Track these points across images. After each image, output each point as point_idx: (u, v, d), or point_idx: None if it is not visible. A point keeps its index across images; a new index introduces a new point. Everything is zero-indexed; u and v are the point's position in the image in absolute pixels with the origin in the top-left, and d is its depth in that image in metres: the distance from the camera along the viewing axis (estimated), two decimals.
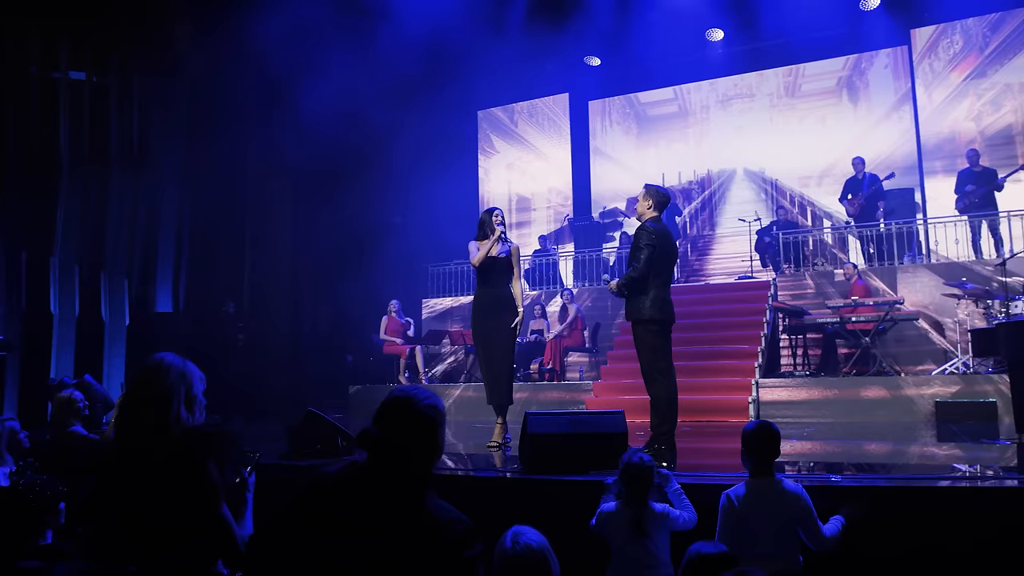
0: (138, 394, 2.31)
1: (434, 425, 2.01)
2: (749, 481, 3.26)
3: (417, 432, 1.98)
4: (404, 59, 12.07)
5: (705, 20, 11.99)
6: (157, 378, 2.32)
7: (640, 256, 5.08)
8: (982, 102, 10.83)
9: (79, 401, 5.47)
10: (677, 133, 13.20)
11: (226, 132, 10.50)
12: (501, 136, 14.36)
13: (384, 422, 1.99)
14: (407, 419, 1.97)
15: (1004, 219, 9.60)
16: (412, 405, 2.01)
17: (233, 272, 11.21)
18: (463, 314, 12.09)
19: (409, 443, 1.96)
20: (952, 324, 9.04)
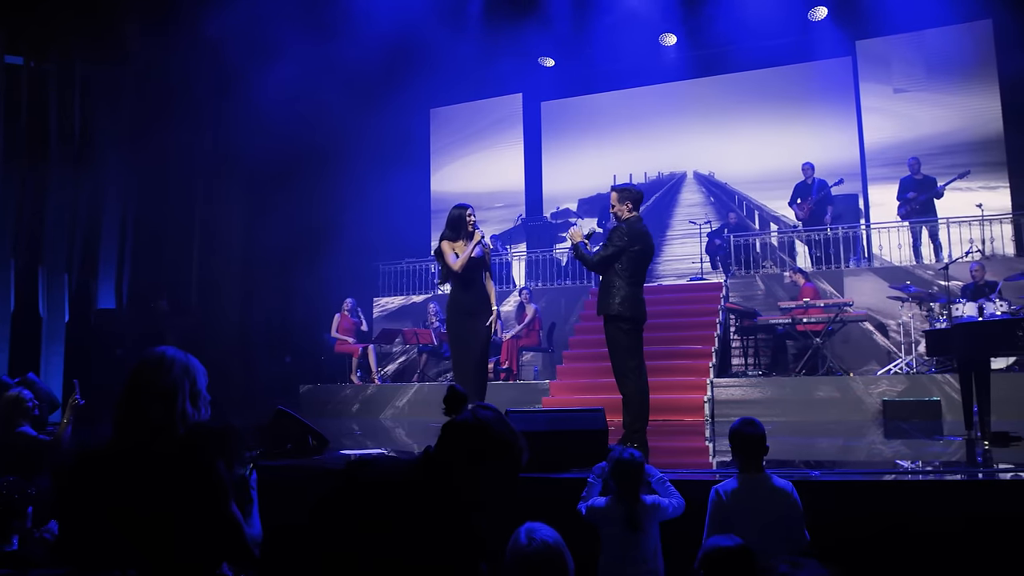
0: (140, 390, 2.19)
1: None
2: (739, 476, 3.30)
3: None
4: (359, 54, 11.91)
5: (659, 25, 12.16)
6: (160, 373, 2.21)
7: (603, 252, 5.16)
8: (923, 112, 11.24)
9: (28, 400, 5.21)
10: (629, 135, 13.33)
11: (175, 124, 10.21)
12: (454, 135, 14.29)
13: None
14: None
15: (943, 225, 9.99)
16: None
17: (181, 267, 10.86)
18: (415, 313, 12.00)
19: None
20: (895, 326, 9.35)
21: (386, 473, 2.01)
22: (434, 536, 1.85)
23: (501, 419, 2.07)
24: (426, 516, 1.86)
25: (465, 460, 1.98)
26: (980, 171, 10.47)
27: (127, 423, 2.17)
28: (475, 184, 13.99)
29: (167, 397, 2.17)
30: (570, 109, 13.83)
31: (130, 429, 2.16)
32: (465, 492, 1.97)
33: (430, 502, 1.89)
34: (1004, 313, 8.02)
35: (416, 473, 1.96)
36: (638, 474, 3.36)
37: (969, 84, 10.98)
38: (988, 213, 9.87)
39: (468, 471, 1.98)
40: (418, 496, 1.89)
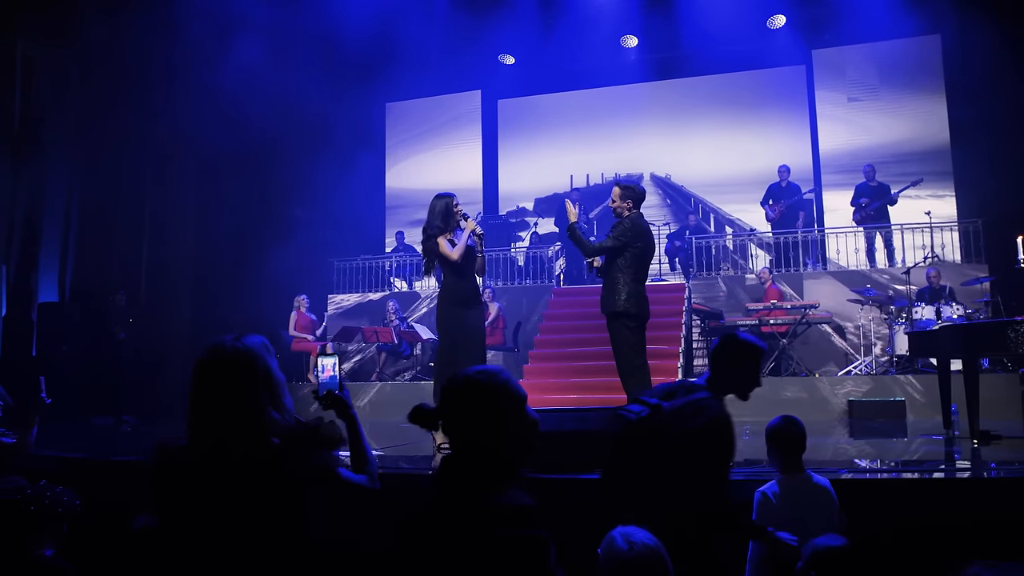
0: (221, 391, 1.95)
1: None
2: (781, 477, 3.27)
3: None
4: (315, 44, 11.63)
5: (621, 27, 12.22)
6: (243, 370, 2.00)
7: (601, 244, 5.13)
8: (875, 121, 11.60)
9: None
10: (586, 136, 13.35)
11: (125, 109, 9.70)
12: (410, 130, 14.06)
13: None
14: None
15: (897, 231, 10.32)
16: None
17: (130, 260, 10.33)
18: (371, 311, 11.74)
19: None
20: (853, 328, 9.61)
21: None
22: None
23: (490, 372, 1.82)
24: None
25: (486, 430, 1.75)
26: (928, 180, 10.85)
27: (209, 432, 1.94)
28: (431, 181, 13.71)
29: (252, 399, 1.96)
30: (528, 108, 13.78)
31: (213, 440, 1.93)
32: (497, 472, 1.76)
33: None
34: (960, 317, 8.36)
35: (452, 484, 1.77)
36: None
37: (919, 96, 11.39)
38: (936, 220, 10.23)
39: (492, 443, 1.75)
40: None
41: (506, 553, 1.60)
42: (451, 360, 5.59)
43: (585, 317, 10.45)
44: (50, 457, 4.78)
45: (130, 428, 8.55)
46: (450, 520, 1.66)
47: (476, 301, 5.58)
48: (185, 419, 1.99)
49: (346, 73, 12.29)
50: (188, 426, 1.97)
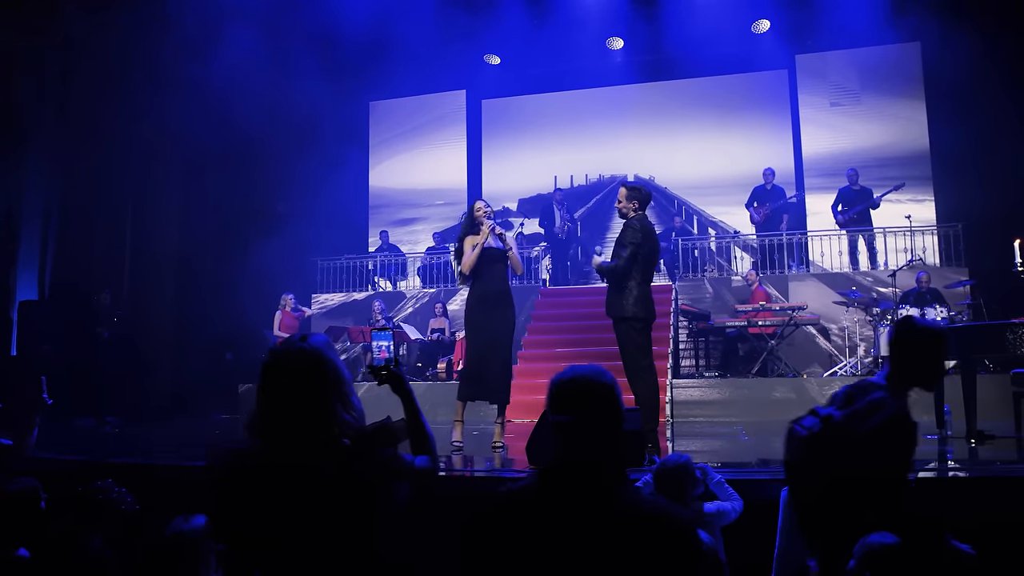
0: (290, 394, 1.90)
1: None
2: None
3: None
4: (301, 43, 11.52)
5: (607, 29, 12.26)
6: (312, 370, 1.96)
7: (623, 253, 5.10)
8: (857, 126, 11.79)
9: None
10: (570, 137, 13.38)
11: (108, 105, 9.49)
12: (394, 129, 13.97)
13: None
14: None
15: (880, 234, 10.49)
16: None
17: (112, 257, 10.12)
18: (356, 311, 11.66)
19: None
20: (837, 330, 9.75)
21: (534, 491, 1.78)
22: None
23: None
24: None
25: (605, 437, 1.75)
26: (908, 184, 11.03)
27: (281, 435, 1.90)
28: (415, 180, 13.73)
29: (322, 401, 1.92)
30: (512, 108, 13.77)
31: (285, 443, 1.88)
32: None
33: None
34: (944, 319, 8.53)
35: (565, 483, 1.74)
36: (684, 480, 3.30)
37: (899, 101, 11.58)
38: (916, 224, 10.42)
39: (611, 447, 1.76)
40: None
41: (663, 540, 1.61)
42: (475, 360, 5.63)
43: (573, 318, 10.49)
44: (49, 459, 4.67)
45: (112, 429, 8.40)
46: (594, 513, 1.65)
47: (500, 303, 5.59)
48: (164, 422, 1.96)
49: (330, 71, 12.16)
50: (256, 430, 1.93)
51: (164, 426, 8.84)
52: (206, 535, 2.63)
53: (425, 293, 11.65)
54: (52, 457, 4.70)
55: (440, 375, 9.98)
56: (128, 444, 6.86)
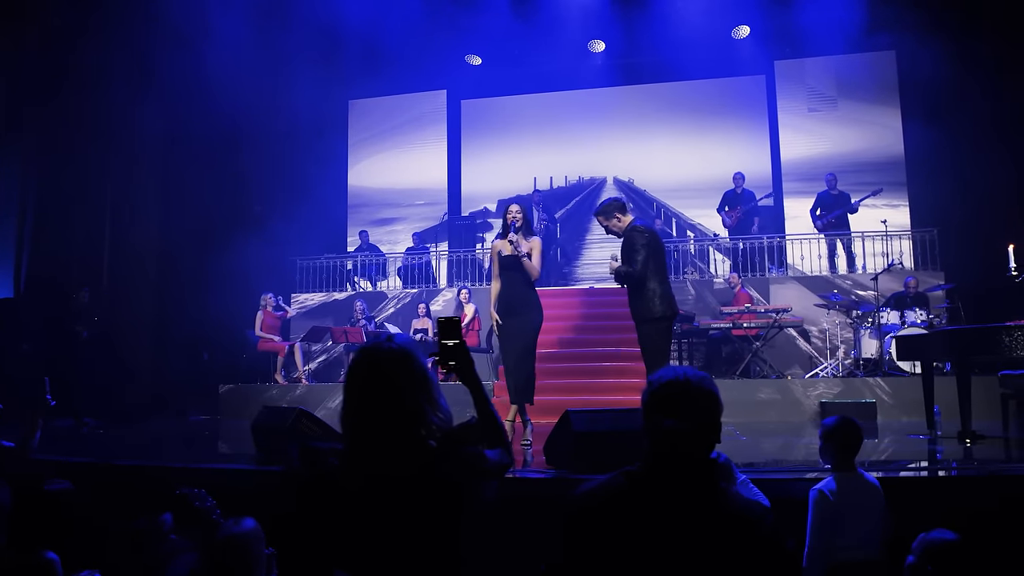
0: (379, 395, 1.88)
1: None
2: (837, 475, 3.36)
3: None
4: (279, 36, 11.39)
5: (589, 31, 12.33)
6: (402, 370, 1.93)
7: (636, 257, 5.14)
8: (833, 132, 12.03)
9: None
10: (550, 139, 13.42)
11: (87, 99, 9.26)
12: (373, 128, 13.88)
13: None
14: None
15: (858, 238, 10.71)
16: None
17: (90, 254, 9.87)
18: (336, 311, 11.56)
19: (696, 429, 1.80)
20: (817, 332, 9.93)
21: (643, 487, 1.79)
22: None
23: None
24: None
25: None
26: (883, 190, 11.28)
27: (373, 440, 1.87)
28: (395, 180, 13.65)
29: (413, 403, 1.90)
30: (492, 109, 13.77)
31: (376, 448, 1.85)
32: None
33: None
34: (923, 322, 8.73)
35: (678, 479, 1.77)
36: (729, 478, 3.34)
37: (875, 109, 11.85)
38: (893, 229, 10.66)
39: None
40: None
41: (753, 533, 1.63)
42: (505, 364, 5.86)
43: (558, 319, 10.49)
44: (52, 461, 4.54)
45: (94, 430, 8.21)
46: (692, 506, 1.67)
47: (517, 308, 5.67)
48: (145, 423, 1.93)
49: (309, 69, 12.05)
50: (344, 429, 1.90)
51: (144, 427, 8.66)
52: (258, 537, 2.60)
53: (407, 293, 11.59)
54: (55, 459, 4.57)
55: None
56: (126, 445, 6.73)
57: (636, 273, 5.13)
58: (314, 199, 12.47)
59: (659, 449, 1.77)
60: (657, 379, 1.81)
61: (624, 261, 5.26)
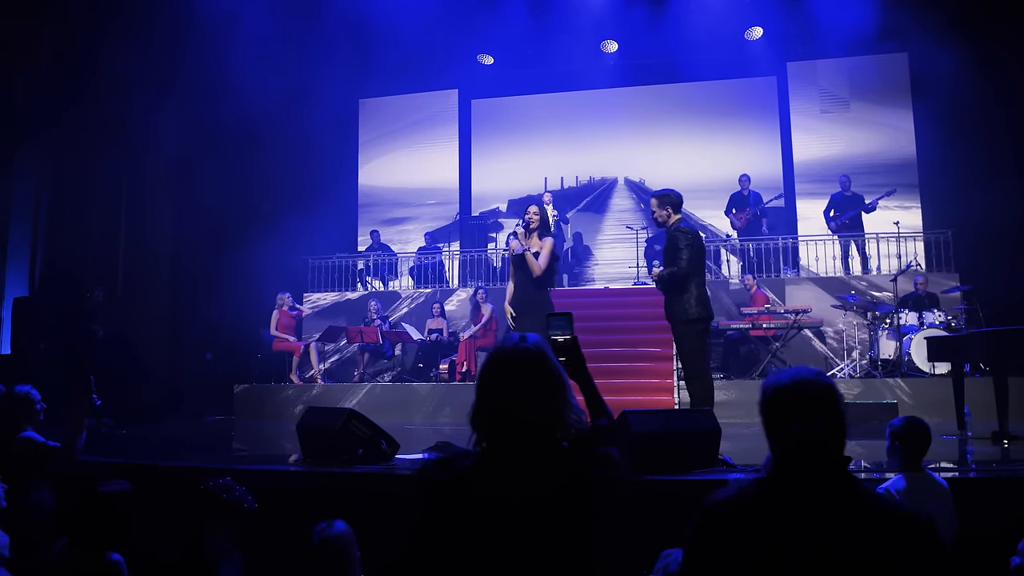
0: (520, 392, 1.83)
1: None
2: (906, 475, 3.37)
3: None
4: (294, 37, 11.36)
5: (602, 31, 12.34)
6: (541, 370, 1.88)
7: (681, 256, 5.13)
8: (846, 133, 12.08)
9: (36, 402, 4.55)
10: (562, 139, 13.42)
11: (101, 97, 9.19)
12: (384, 127, 13.84)
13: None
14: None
15: (872, 240, 10.76)
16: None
17: (106, 253, 9.80)
18: (349, 310, 11.53)
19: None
20: (833, 333, 9.97)
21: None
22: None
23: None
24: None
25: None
26: (897, 191, 11.32)
27: (498, 439, 1.84)
28: (406, 179, 13.62)
29: (547, 403, 1.88)
30: (503, 108, 13.75)
31: (514, 449, 1.82)
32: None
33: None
34: (941, 323, 8.77)
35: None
36: None
37: (887, 110, 11.90)
38: (908, 231, 10.71)
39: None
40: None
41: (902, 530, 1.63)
42: None
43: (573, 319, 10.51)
44: (98, 463, 4.51)
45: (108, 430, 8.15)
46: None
47: (524, 309, 5.60)
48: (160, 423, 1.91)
49: (320, 68, 12.03)
50: (478, 431, 1.88)
51: (162, 427, 8.61)
52: (351, 540, 2.59)
53: (421, 293, 11.57)
54: (101, 460, 4.53)
55: (443, 376, 9.92)
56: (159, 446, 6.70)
57: (679, 273, 5.11)
58: (325, 198, 12.45)
59: (792, 455, 1.76)
60: (771, 385, 1.80)
61: (667, 262, 5.25)
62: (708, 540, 1.76)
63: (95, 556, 3.15)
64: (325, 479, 4.10)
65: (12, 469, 4.15)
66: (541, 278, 5.60)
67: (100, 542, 3.17)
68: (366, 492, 4.08)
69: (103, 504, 3.23)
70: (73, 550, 3.21)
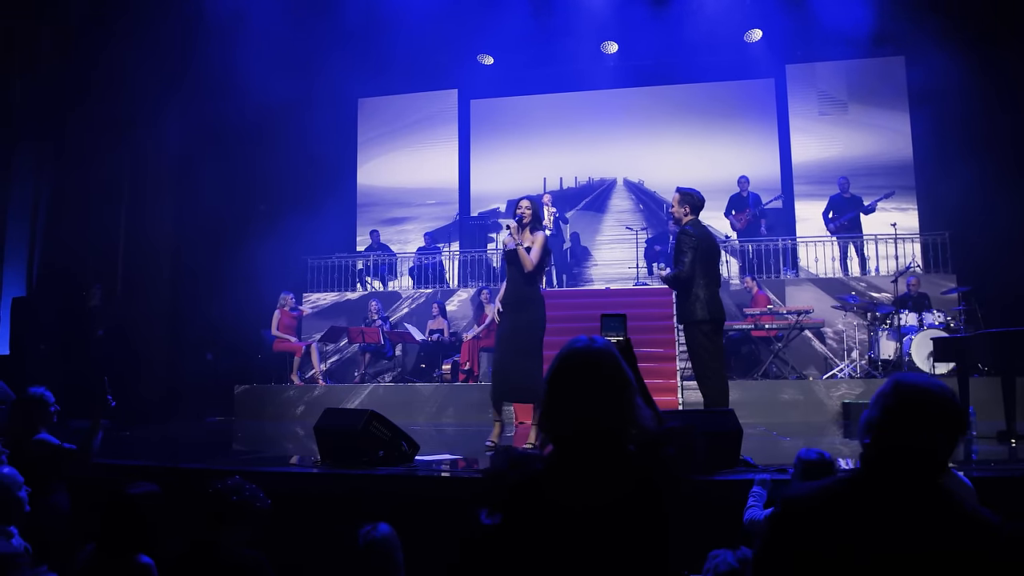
0: (593, 393, 1.82)
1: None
2: None
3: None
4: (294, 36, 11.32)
5: (603, 32, 12.36)
6: (617, 373, 1.86)
7: (684, 259, 5.16)
8: (844, 136, 12.16)
9: (51, 404, 4.53)
10: (561, 139, 13.44)
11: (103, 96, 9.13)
12: (383, 127, 13.82)
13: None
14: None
15: (871, 241, 10.84)
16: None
17: (105, 252, 9.73)
18: (349, 311, 11.50)
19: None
20: (833, 333, 10.04)
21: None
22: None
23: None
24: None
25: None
26: (896, 193, 11.40)
27: (571, 440, 1.83)
28: (405, 179, 13.61)
29: (618, 402, 1.89)
30: (502, 108, 13.75)
31: (584, 453, 1.81)
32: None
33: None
34: (940, 323, 8.85)
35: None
36: (832, 473, 3.38)
37: (884, 113, 11.99)
38: (905, 232, 10.78)
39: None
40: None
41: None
42: (496, 361, 5.80)
43: (572, 320, 10.48)
44: (114, 465, 4.49)
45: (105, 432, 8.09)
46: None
47: (516, 305, 5.56)
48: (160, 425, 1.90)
49: (320, 67, 12.00)
50: (546, 435, 1.89)
51: (165, 429, 8.56)
52: (396, 543, 2.59)
53: (422, 294, 11.56)
54: (117, 463, 4.51)
55: (446, 376, 9.91)
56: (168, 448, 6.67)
57: (682, 275, 5.13)
58: (325, 198, 12.41)
59: (900, 461, 1.76)
60: (904, 389, 1.80)
61: (675, 261, 5.28)
62: (789, 533, 1.77)
63: (124, 560, 3.14)
64: (349, 481, 4.10)
65: (31, 472, 4.13)
66: (532, 273, 5.57)
67: (128, 545, 3.16)
68: (388, 494, 4.09)
69: (130, 507, 3.22)
70: (101, 554, 3.20)
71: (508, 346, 5.57)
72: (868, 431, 1.79)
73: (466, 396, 9.12)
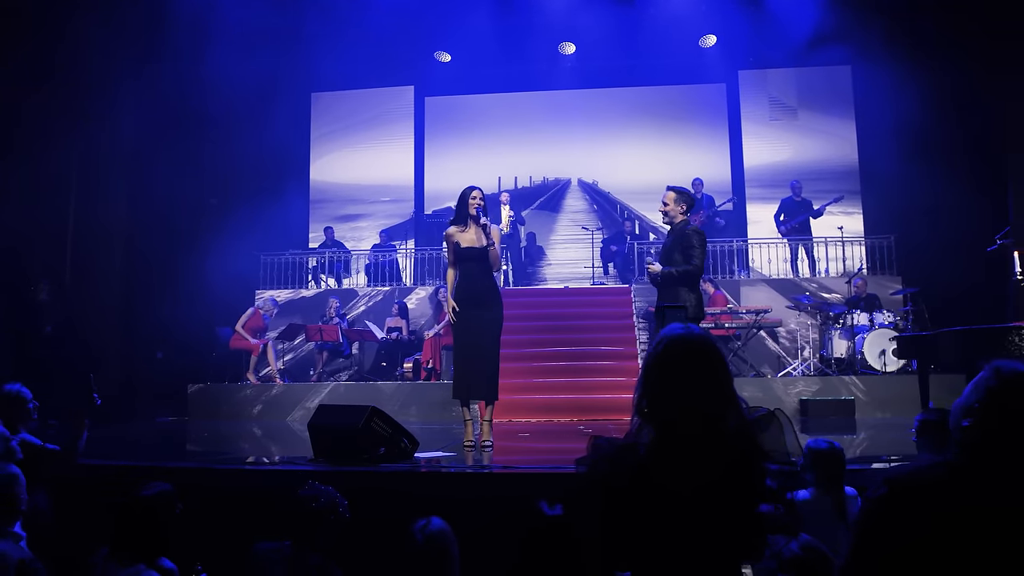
0: (705, 385, 1.85)
1: None
2: None
3: None
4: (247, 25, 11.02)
5: (561, 33, 12.44)
6: (719, 359, 1.89)
7: (695, 254, 5.20)
8: (794, 140, 12.53)
9: (29, 401, 4.32)
10: (517, 138, 13.47)
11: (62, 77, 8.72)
12: (337, 122, 13.60)
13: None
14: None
15: (820, 243, 11.21)
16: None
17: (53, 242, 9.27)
18: (305, 308, 11.29)
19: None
20: (785, 333, 10.34)
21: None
22: None
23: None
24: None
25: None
26: (844, 197, 11.80)
27: (679, 430, 1.85)
28: (360, 176, 13.43)
29: (720, 389, 1.90)
30: (458, 106, 13.70)
31: (686, 436, 1.84)
32: None
33: None
34: (890, 323, 9.21)
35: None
36: (842, 463, 3.49)
37: (832, 120, 12.42)
38: (848, 235, 11.19)
39: None
40: None
41: None
42: (459, 360, 5.61)
43: (536, 318, 10.54)
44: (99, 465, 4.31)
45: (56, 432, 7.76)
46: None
47: (486, 301, 5.43)
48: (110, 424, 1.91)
49: (275, 59, 11.72)
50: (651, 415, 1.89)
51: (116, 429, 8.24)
52: (452, 538, 2.56)
53: (379, 291, 11.43)
54: (102, 463, 4.33)
55: (407, 375, 9.81)
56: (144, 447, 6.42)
57: (696, 270, 5.19)
58: (277, 193, 12.15)
59: (1011, 448, 1.81)
60: (1005, 370, 1.86)
61: (671, 259, 5.31)
62: (893, 512, 1.81)
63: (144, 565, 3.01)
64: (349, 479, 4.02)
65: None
66: (496, 270, 5.52)
67: (146, 550, 3.04)
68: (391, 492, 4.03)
69: (147, 509, 3.10)
70: (113, 560, 3.07)
71: (476, 343, 5.43)
72: (967, 414, 1.85)
73: (429, 394, 9.04)
